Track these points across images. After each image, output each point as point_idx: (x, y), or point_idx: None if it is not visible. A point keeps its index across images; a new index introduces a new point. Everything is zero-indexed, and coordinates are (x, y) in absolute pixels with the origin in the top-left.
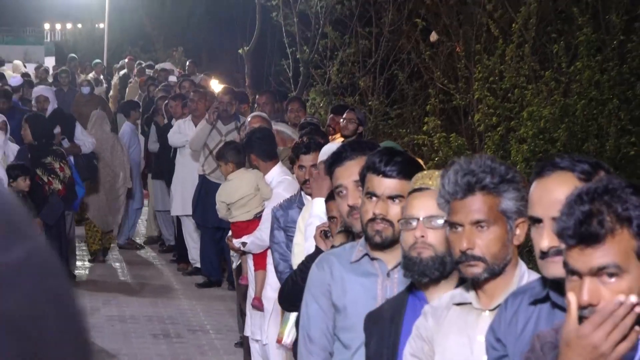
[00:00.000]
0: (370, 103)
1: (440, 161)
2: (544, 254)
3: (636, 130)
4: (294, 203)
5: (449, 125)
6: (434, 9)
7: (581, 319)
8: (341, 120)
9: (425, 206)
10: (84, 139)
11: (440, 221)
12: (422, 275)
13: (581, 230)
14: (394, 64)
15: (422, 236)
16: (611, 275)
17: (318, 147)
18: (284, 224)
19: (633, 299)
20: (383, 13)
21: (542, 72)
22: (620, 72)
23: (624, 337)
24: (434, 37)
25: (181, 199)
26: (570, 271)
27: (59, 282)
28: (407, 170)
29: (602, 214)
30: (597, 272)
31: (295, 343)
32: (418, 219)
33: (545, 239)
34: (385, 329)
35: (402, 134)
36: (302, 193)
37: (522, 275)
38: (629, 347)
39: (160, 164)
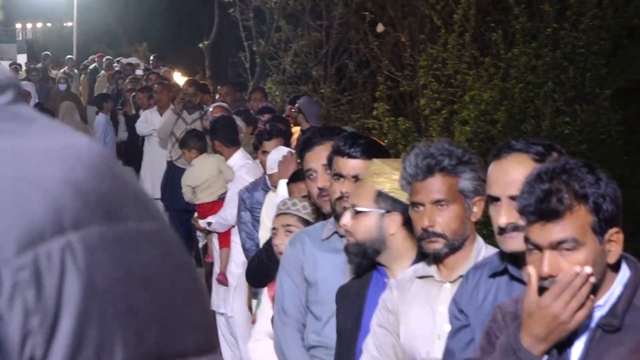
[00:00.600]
0: (322, 91)
1: (389, 143)
2: (502, 230)
3: (570, 111)
4: (259, 185)
5: (396, 109)
6: (380, 2)
7: (541, 290)
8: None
9: (359, 197)
10: None
11: (364, 209)
12: (349, 261)
13: (542, 207)
14: (344, 54)
15: (345, 224)
16: (569, 248)
17: (279, 134)
18: (250, 205)
19: (588, 269)
20: (333, 7)
21: (482, 58)
22: (554, 57)
23: (582, 306)
24: (380, 28)
25: (150, 183)
26: (531, 245)
27: (183, 257)
28: (370, 151)
29: (561, 191)
30: (557, 245)
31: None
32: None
33: (503, 216)
34: (351, 301)
35: (353, 118)
36: (267, 177)
37: (480, 249)
38: (586, 314)
39: (130, 152)
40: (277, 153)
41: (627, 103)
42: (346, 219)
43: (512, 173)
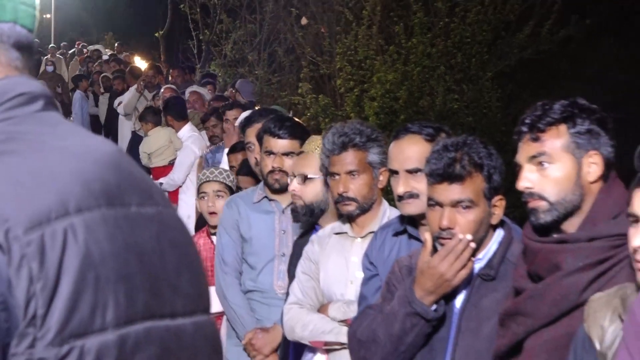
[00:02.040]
0: (256, 72)
1: (312, 116)
2: (400, 197)
3: (458, 90)
4: (222, 148)
5: (317, 88)
6: (304, 0)
7: (435, 250)
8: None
9: (298, 165)
10: None
11: (313, 176)
12: (295, 220)
13: (448, 171)
14: (274, 42)
15: (294, 190)
16: (465, 207)
17: (239, 106)
18: (212, 163)
19: (469, 237)
20: (265, 3)
21: (387, 47)
22: (446, 46)
23: (463, 267)
24: (304, 21)
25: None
26: (434, 202)
27: (182, 237)
28: (295, 132)
29: (463, 160)
30: (456, 204)
31: None
32: (294, 176)
33: (401, 186)
34: (296, 254)
35: (282, 96)
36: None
37: (385, 211)
38: (467, 273)
39: (98, 124)
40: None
41: (505, 83)
42: (294, 185)
43: (407, 151)
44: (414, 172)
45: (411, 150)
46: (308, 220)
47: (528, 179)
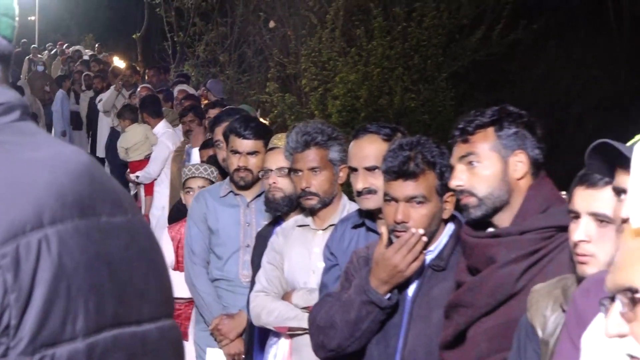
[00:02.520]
0: (227, 72)
1: (278, 113)
2: (359, 193)
3: (415, 89)
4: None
5: (283, 87)
6: (271, 4)
7: (390, 242)
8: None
9: (276, 161)
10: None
11: (285, 170)
12: (275, 210)
13: (403, 168)
14: (244, 44)
15: (274, 182)
16: (419, 202)
17: (220, 105)
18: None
19: (421, 231)
20: (235, 7)
21: (349, 49)
22: (404, 48)
23: (416, 259)
24: (272, 24)
25: (98, 144)
26: (390, 198)
27: (149, 244)
28: (260, 132)
29: (417, 158)
30: (410, 199)
31: None
32: (271, 170)
33: (360, 182)
34: (260, 245)
35: (250, 94)
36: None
37: (345, 205)
38: (418, 265)
39: (79, 121)
40: None
41: (458, 83)
42: (274, 177)
43: (366, 150)
44: (372, 169)
45: (369, 149)
46: (285, 211)
47: (459, 178)
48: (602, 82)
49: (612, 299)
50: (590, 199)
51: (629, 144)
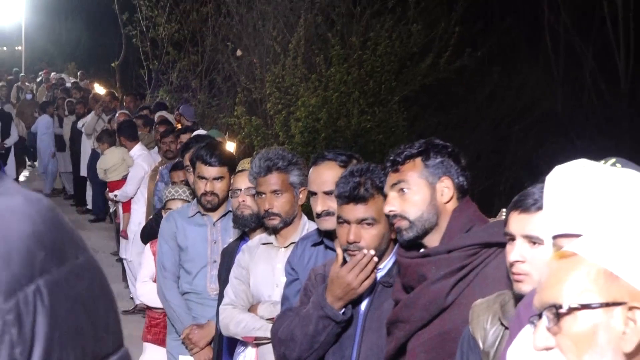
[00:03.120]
0: (199, 97)
1: (245, 134)
2: (319, 215)
3: (370, 111)
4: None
5: (250, 111)
6: (238, 35)
7: (345, 261)
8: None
9: (244, 182)
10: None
11: (252, 191)
12: (244, 226)
13: (354, 193)
14: (214, 71)
15: (243, 201)
16: (369, 224)
17: (191, 130)
18: (166, 178)
19: (372, 252)
20: (205, 37)
21: (310, 75)
22: (360, 74)
23: (367, 277)
24: (239, 53)
25: (81, 164)
26: (342, 220)
27: (103, 276)
28: (224, 160)
29: (367, 184)
30: (361, 221)
31: None
32: (240, 190)
33: (319, 205)
34: (226, 260)
35: (220, 117)
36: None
37: (305, 224)
38: (370, 283)
39: (62, 143)
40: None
41: (410, 106)
42: (243, 197)
43: (324, 175)
44: (330, 193)
45: (327, 175)
46: (251, 227)
47: (391, 204)
48: (540, 102)
49: (540, 315)
50: (523, 223)
51: (601, 162)
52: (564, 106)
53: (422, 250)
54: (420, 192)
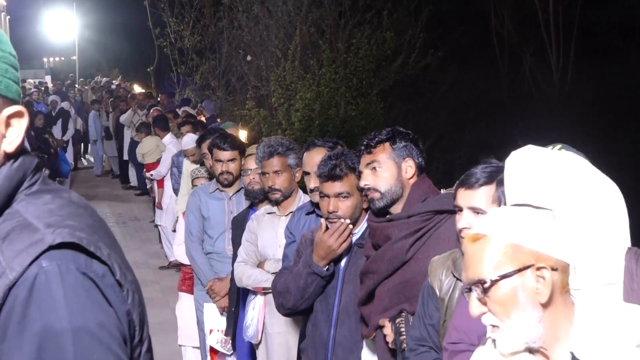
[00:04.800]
0: (217, 94)
1: (255, 123)
2: (312, 190)
3: (355, 103)
4: (182, 153)
5: (259, 104)
6: (248, 43)
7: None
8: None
9: (253, 163)
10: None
11: (259, 170)
12: (254, 198)
13: (331, 173)
14: (229, 73)
15: (253, 178)
16: (344, 197)
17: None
18: (177, 164)
19: (348, 220)
20: (222, 46)
21: (305, 74)
22: (345, 73)
23: (345, 241)
24: (249, 58)
25: (124, 150)
26: (323, 194)
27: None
28: (235, 145)
29: (341, 165)
30: (338, 195)
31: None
32: (250, 170)
33: (312, 182)
34: (238, 227)
35: (234, 110)
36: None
37: (300, 197)
38: (347, 245)
39: (109, 133)
40: (187, 137)
41: (385, 97)
42: (253, 175)
43: (315, 158)
44: None
45: (318, 158)
46: (262, 199)
47: (366, 179)
48: (490, 92)
49: (470, 289)
50: (468, 197)
51: (549, 147)
52: (508, 95)
53: (387, 216)
54: (389, 170)
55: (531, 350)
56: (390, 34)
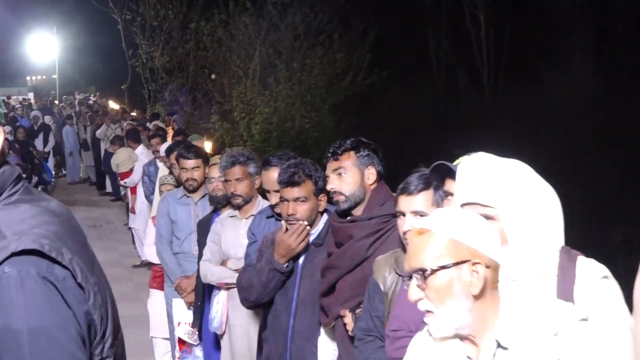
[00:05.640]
0: (185, 109)
1: (219, 135)
2: (273, 207)
3: (309, 116)
4: (152, 162)
5: (222, 118)
6: (212, 62)
7: (287, 230)
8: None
9: (217, 172)
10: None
11: (222, 178)
12: (217, 203)
13: (290, 180)
14: (196, 90)
15: (217, 185)
16: (302, 201)
17: (162, 136)
18: (147, 172)
19: (305, 222)
20: (189, 66)
21: (264, 91)
22: (300, 90)
23: (302, 240)
24: (213, 76)
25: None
26: (283, 199)
27: (85, 237)
28: (198, 154)
29: (299, 172)
30: (296, 199)
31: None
32: (214, 177)
33: (273, 199)
34: (203, 229)
35: (200, 123)
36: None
37: (260, 202)
38: (304, 245)
39: (86, 145)
40: (163, 146)
41: (336, 111)
42: (217, 183)
43: (272, 178)
44: (278, 190)
45: (275, 176)
46: (225, 204)
47: (333, 183)
48: (429, 107)
49: (410, 277)
50: (409, 203)
51: (455, 163)
52: (445, 109)
53: (349, 217)
54: (354, 176)
55: (461, 338)
56: (340, 55)
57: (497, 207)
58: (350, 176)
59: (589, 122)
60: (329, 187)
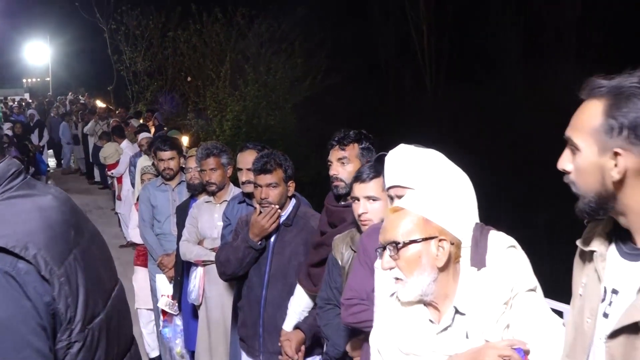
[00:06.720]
0: (164, 108)
1: (194, 131)
2: (243, 183)
3: (273, 115)
4: (138, 154)
5: (197, 115)
6: (189, 66)
7: (260, 212)
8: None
9: (194, 162)
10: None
11: (198, 168)
12: (194, 190)
13: (263, 167)
14: (174, 91)
15: (194, 174)
16: (273, 186)
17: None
18: (133, 162)
19: (276, 206)
20: (168, 69)
21: (234, 92)
22: (266, 91)
23: (274, 222)
24: (189, 79)
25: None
26: (257, 185)
27: (100, 235)
28: (173, 146)
29: (271, 161)
30: (268, 185)
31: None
32: (192, 168)
33: (244, 177)
34: (182, 213)
35: (178, 120)
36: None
37: (232, 189)
38: (276, 225)
39: (77, 139)
40: (141, 135)
41: (297, 110)
42: (194, 172)
43: (247, 158)
44: (249, 169)
45: (249, 157)
46: (201, 191)
47: (336, 170)
48: (378, 108)
49: (383, 248)
50: (363, 189)
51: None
52: (394, 109)
53: (342, 202)
54: (355, 166)
55: (425, 303)
56: (301, 60)
57: (415, 188)
58: (351, 166)
59: (519, 117)
60: (331, 172)
